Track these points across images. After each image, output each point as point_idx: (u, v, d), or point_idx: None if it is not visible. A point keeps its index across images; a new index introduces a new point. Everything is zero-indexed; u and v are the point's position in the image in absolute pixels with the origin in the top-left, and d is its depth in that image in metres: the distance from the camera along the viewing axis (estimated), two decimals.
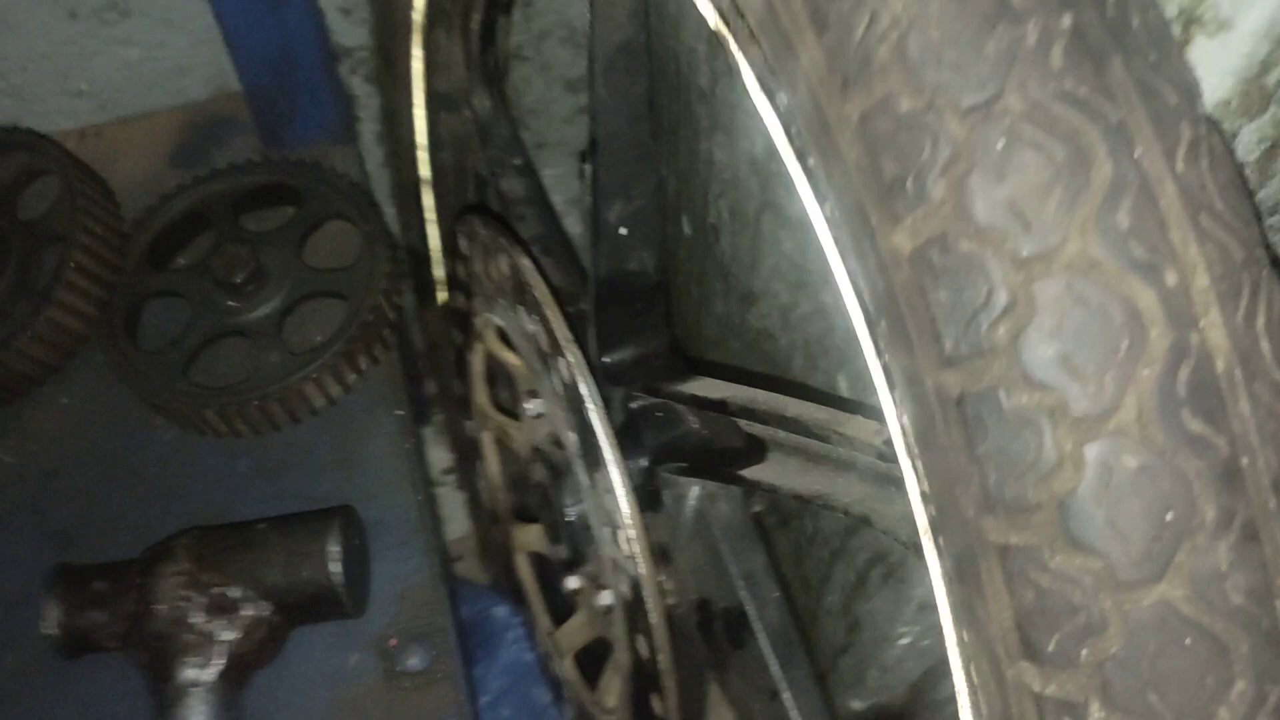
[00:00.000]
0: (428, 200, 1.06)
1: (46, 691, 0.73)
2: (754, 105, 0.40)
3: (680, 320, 1.23)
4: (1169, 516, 0.31)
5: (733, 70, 0.41)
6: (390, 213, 1.18)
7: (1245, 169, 0.47)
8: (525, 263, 0.64)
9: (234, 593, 0.68)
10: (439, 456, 1.39)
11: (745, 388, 0.60)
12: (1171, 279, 0.31)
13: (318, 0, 0.94)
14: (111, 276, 0.83)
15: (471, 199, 1.06)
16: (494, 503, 0.90)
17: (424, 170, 1.04)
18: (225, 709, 0.66)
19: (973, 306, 0.32)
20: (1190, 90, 0.34)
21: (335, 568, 0.69)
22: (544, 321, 0.62)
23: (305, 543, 0.70)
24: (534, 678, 1.08)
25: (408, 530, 0.79)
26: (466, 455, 1.04)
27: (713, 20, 0.42)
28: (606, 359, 0.71)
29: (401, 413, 0.84)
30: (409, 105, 1.00)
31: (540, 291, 0.63)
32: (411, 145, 1.03)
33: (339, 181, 0.88)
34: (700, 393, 0.62)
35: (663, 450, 0.69)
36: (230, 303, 0.82)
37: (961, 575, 0.36)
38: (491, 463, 0.88)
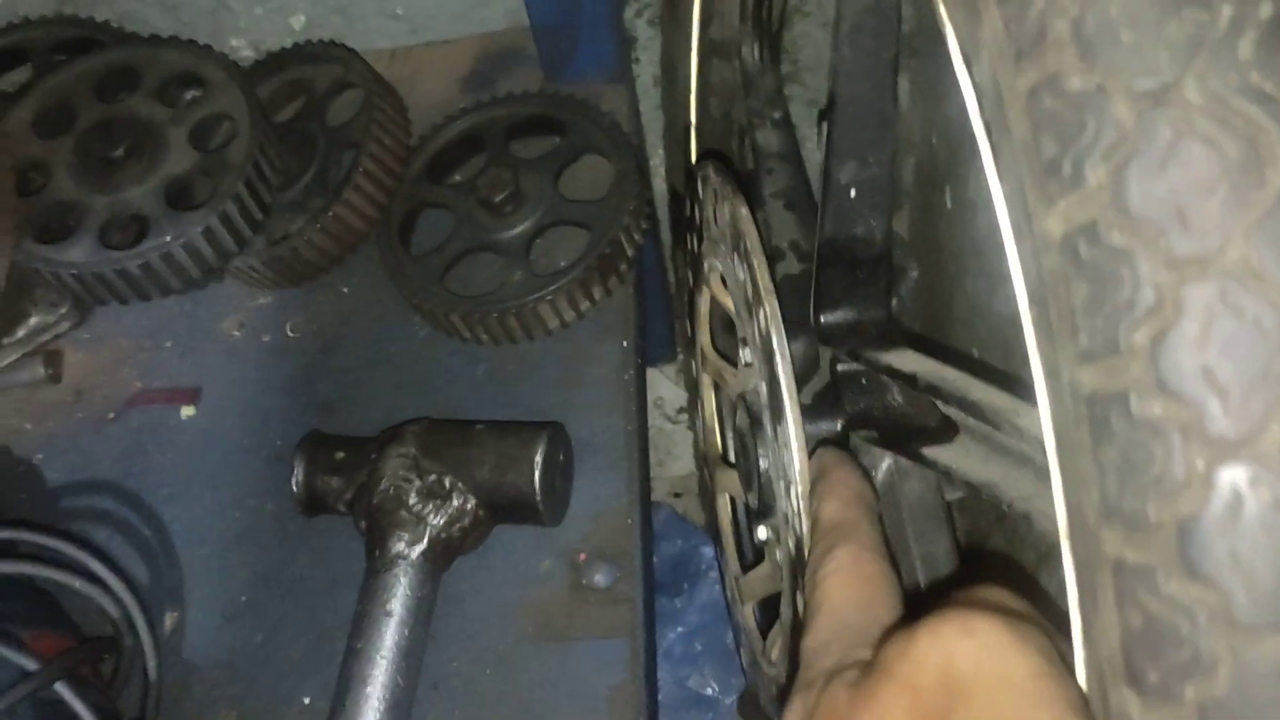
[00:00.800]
0: (694, 145, 1.09)
1: (294, 537, 0.84)
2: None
3: (934, 296, 1.19)
4: None
5: None
6: (659, 156, 1.22)
7: None
8: (743, 211, 0.65)
9: (447, 482, 0.75)
10: (676, 395, 1.43)
11: (941, 365, 0.59)
12: None
13: None
14: (394, 184, 0.92)
15: (734, 147, 1.08)
16: (706, 444, 0.92)
17: (694, 114, 1.07)
18: (423, 584, 0.73)
19: (1115, 302, 0.30)
20: None
21: (535, 477, 0.74)
22: (751, 270, 0.63)
23: (514, 449, 0.75)
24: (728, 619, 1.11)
25: (614, 456, 0.83)
26: (692, 395, 1.07)
27: None
28: (822, 318, 0.71)
29: (627, 344, 0.88)
30: (686, 50, 1.02)
31: (751, 240, 0.63)
32: (685, 89, 1.06)
33: (603, 119, 0.92)
34: (896, 364, 0.61)
35: (859, 416, 0.68)
36: (489, 220, 0.89)
37: (1082, 586, 0.35)
38: (708, 404, 0.91)
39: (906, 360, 0.61)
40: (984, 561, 0.79)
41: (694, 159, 1.09)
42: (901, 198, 1.37)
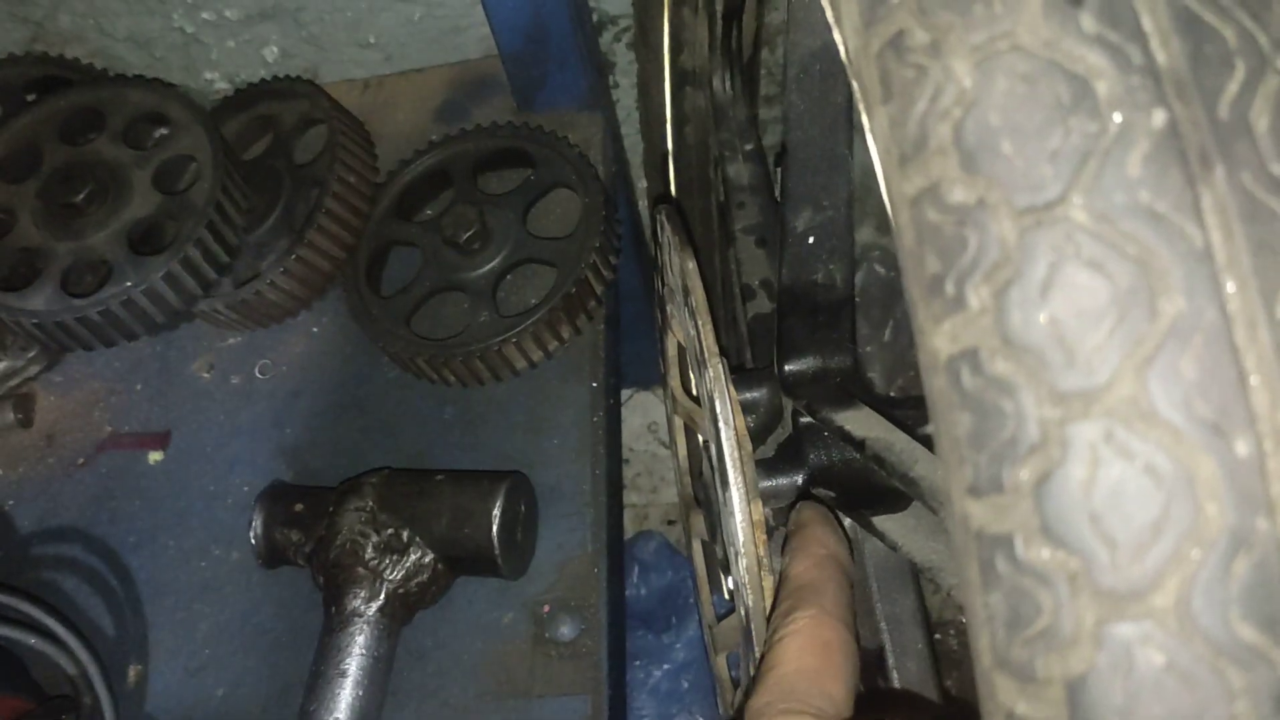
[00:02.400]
0: (672, 173, 1.07)
1: (257, 588, 0.83)
2: None
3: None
4: None
5: None
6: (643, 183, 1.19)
7: None
8: (690, 266, 0.63)
9: (404, 536, 0.73)
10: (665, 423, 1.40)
11: (891, 431, 0.56)
12: (1243, 449, 0.25)
13: None
14: (359, 223, 0.90)
15: (711, 177, 1.05)
16: (680, 485, 0.90)
17: (670, 143, 1.04)
18: (380, 642, 0.72)
19: (999, 437, 0.28)
20: None
21: (493, 530, 0.72)
22: (697, 329, 0.61)
23: (472, 501, 0.73)
24: None
25: (579, 503, 0.81)
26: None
27: (842, 54, 0.39)
28: (786, 367, 0.69)
29: (596, 384, 0.86)
30: (660, 78, 1.00)
31: (698, 298, 0.61)
32: (661, 118, 1.03)
33: (570, 152, 0.90)
34: (848, 425, 0.59)
35: (820, 473, 0.66)
36: (456, 259, 0.87)
37: None
38: (680, 445, 0.88)
39: (859, 423, 0.59)
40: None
41: (672, 187, 1.07)
42: None
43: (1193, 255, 0.26)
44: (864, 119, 0.35)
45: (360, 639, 0.71)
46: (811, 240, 0.66)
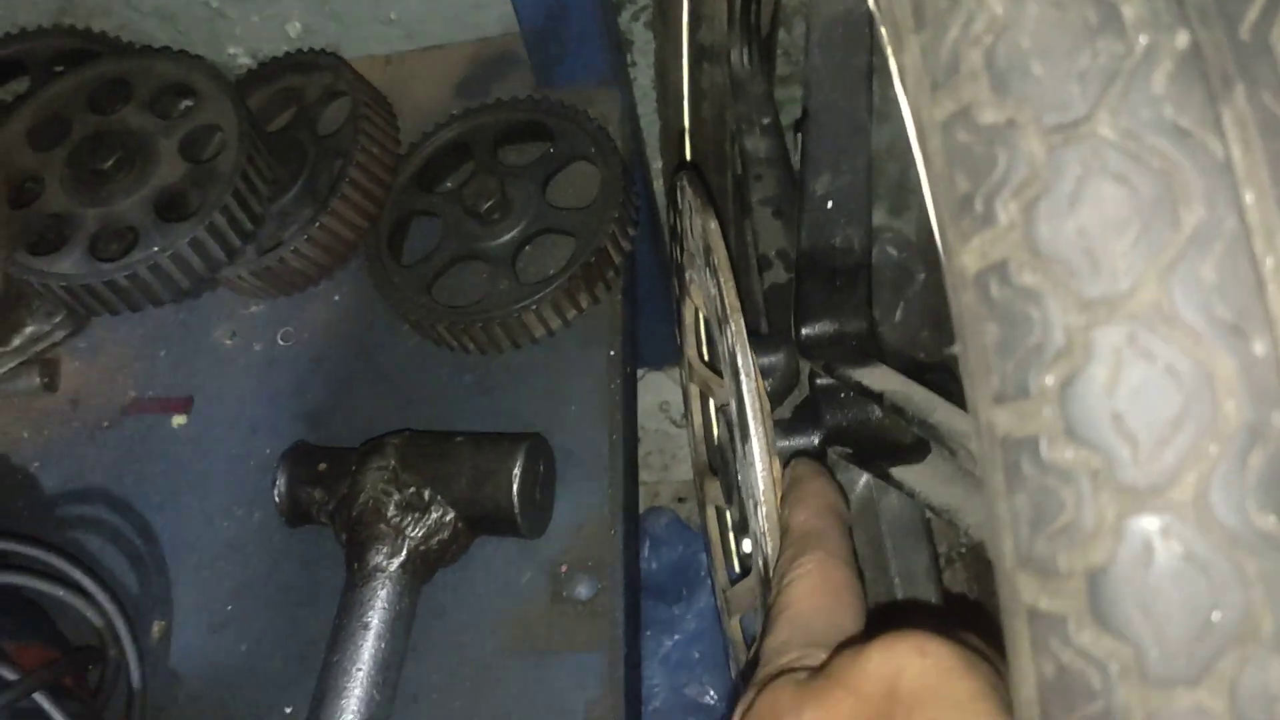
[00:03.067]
0: (688, 149, 1.08)
1: (279, 547, 0.84)
2: None
3: (941, 299, 1.17)
4: (1216, 617, 0.27)
5: None
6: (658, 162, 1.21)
7: None
8: (712, 225, 0.64)
9: (425, 494, 0.75)
10: (679, 400, 1.42)
11: (909, 384, 0.58)
12: (1260, 349, 0.27)
13: None
14: (382, 193, 0.92)
15: (727, 152, 1.07)
16: (695, 454, 0.91)
17: (686, 119, 1.06)
18: (401, 597, 0.73)
19: (1025, 344, 0.29)
20: None
21: (513, 490, 0.74)
22: (719, 286, 0.62)
23: (492, 462, 0.75)
24: None
25: (597, 466, 0.82)
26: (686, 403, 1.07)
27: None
28: (803, 330, 0.70)
29: (614, 353, 0.87)
30: (677, 55, 1.01)
31: (720, 256, 0.63)
32: (678, 94, 1.05)
33: (590, 125, 0.91)
34: (866, 381, 0.60)
35: (837, 432, 0.67)
36: (476, 229, 0.89)
37: (1006, 630, 0.34)
38: (696, 415, 0.90)
39: (877, 377, 0.60)
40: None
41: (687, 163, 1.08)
42: (909, 198, 1.35)
43: (1214, 168, 0.27)
44: (892, 53, 0.36)
45: (383, 594, 0.73)
46: (830, 205, 0.67)
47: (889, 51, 0.38)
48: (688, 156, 1.06)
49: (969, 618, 0.54)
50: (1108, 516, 0.28)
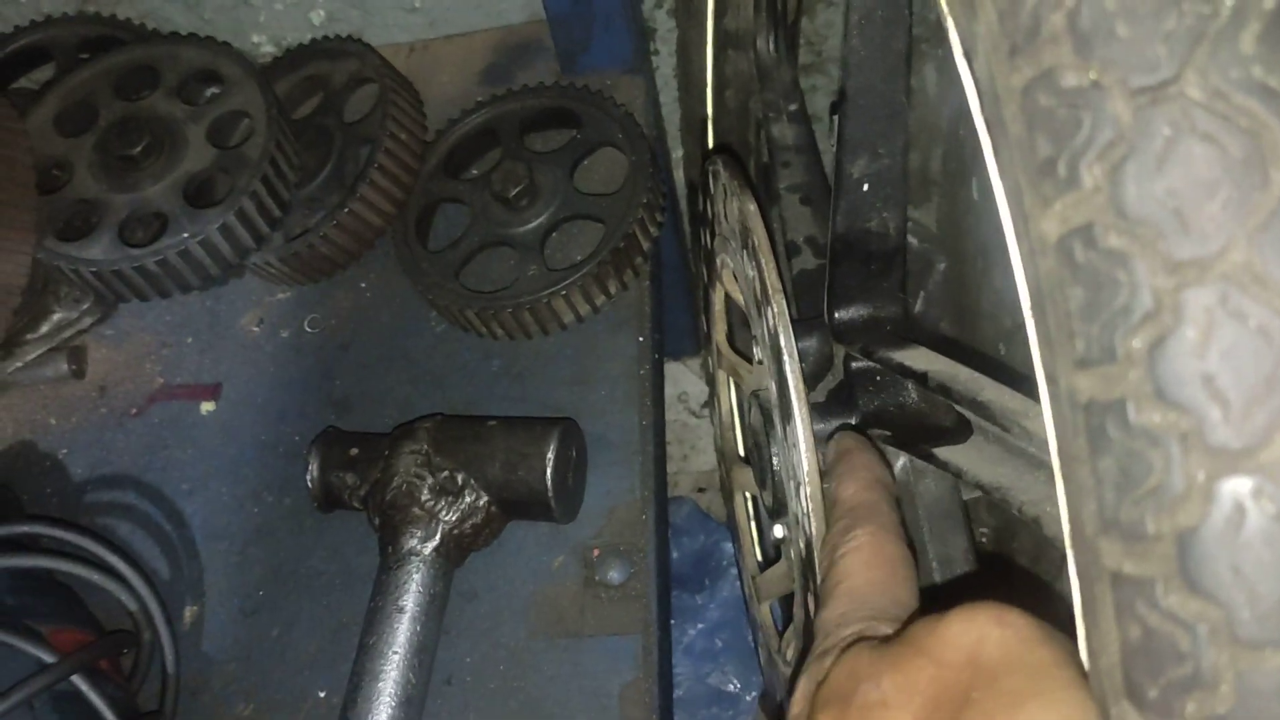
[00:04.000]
0: (711, 138, 1.08)
1: (310, 532, 0.84)
2: None
3: (962, 290, 1.17)
4: None
5: None
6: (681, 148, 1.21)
7: None
8: (751, 208, 0.64)
9: (459, 478, 0.75)
10: (700, 389, 1.42)
11: (954, 365, 0.57)
12: None
13: None
14: (410, 180, 0.92)
15: (751, 140, 1.07)
16: (724, 441, 0.92)
17: (709, 107, 1.06)
18: (436, 580, 0.73)
19: (1111, 307, 0.29)
20: None
21: (546, 473, 0.74)
22: (759, 267, 0.62)
23: (525, 445, 0.75)
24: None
25: (628, 451, 0.82)
26: (712, 391, 1.07)
27: None
28: (836, 314, 0.70)
29: (643, 339, 0.87)
30: (701, 42, 1.01)
31: (759, 237, 0.63)
32: (701, 82, 1.05)
33: (616, 111, 0.91)
34: (908, 362, 0.60)
35: (873, 415, 0.67)
36: (504, 215, 0.89)
37: (1084, 597, 0.34)
38: (725, 401, 0.90)
39: (919, 358, 0.60)
40: (1002, 569, 0.78)
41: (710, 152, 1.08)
42: (930, 189, 1.35)
43: None
44: (955, 24, 0.36)
45: (417, 577, 0.73)
46: (866, 187, 0.67)
47: (949, 23, 0.38)
48: (710, 144, 1.06)
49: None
50: (1198, 478, 0.28)
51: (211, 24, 1.07)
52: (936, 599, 0.55)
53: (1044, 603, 0.41)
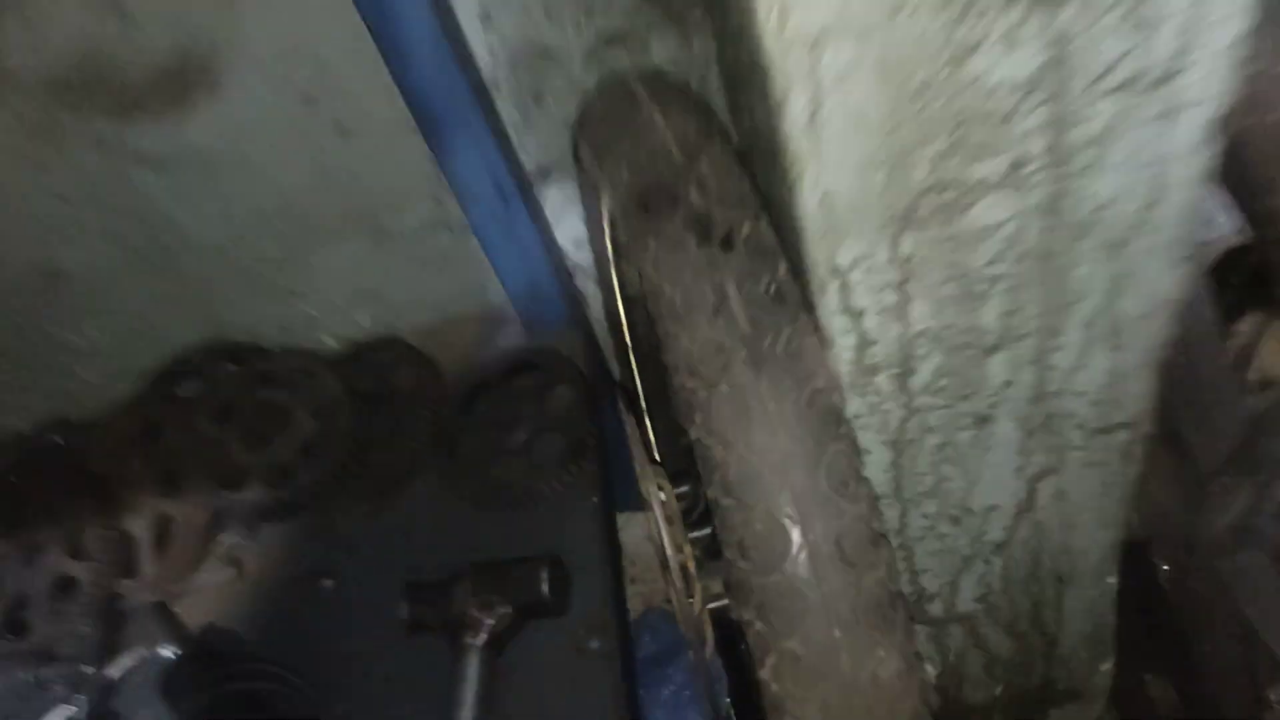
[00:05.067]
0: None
1: (401, 649, 1.34)
2: None
3: None
4: None
5: None
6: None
7: None
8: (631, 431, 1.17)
9: (494, 599, 1.26)
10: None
11: None
12: None
13: (555, 240, 1.54)
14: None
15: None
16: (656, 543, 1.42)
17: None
18: (487, 663, 1.23)
19: None
20: None
21: (544, 589, 1.25)
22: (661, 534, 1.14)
23: (529, 574, 1.26)
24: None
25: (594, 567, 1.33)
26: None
27: None
28: None
29: (596, 499, 1.39)
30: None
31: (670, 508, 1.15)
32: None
33: (563, 359, 1.46)
34: None
35: None
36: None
37: None
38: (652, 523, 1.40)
39: None
40: None
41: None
42: None
43: None
44: None
45: (475, 662, 1.23)
46: None
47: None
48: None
49: None
50: None
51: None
52: None
53: None
